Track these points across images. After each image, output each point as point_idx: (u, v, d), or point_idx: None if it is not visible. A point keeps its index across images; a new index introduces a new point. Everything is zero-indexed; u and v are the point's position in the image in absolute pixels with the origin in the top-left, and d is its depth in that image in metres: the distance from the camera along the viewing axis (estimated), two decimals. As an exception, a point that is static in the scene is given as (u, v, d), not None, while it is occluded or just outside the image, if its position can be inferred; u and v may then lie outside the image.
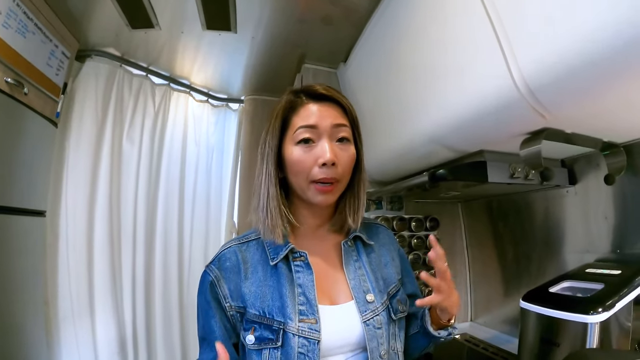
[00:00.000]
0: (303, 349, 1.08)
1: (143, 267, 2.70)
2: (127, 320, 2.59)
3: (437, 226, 2.57)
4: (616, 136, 1.51)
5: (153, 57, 2.68)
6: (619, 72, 0.93)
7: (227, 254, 1.22)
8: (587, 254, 1.80)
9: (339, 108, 1.19)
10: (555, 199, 1.96)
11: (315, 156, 1.13)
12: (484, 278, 2.59)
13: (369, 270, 1.25)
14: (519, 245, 2.27)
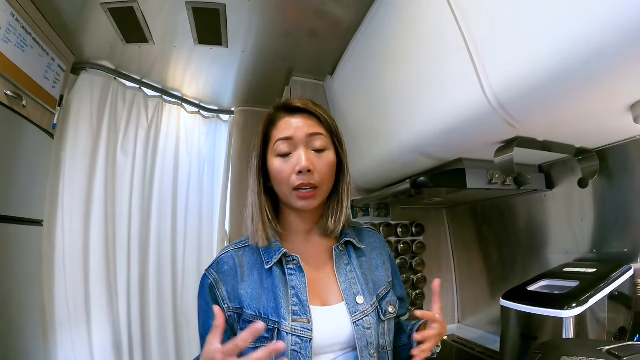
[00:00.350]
0: (296, 346, 1.16)
1: (137, 275, 2.74)
2: (122, 327, 2.62)
3: (422, 232, 2.65)
4: (588, 142, 1.60)
5: (146, 70, 2.74)
6: (580, 84, 1.00)
7: (225, 258, 1.29)
8: (566, 254, 1.89)
9: (314, 118, 1.27)
10: (535, 203, 2.05)
11: (292, 165, 1.21)
12: (470, 281, 2.66)
13: (359, 274, 1.32)
14: (502, 248, 2.35)
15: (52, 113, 2.23)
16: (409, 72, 1.57)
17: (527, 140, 1.39)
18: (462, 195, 2.10)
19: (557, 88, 1.02)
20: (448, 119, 1.35)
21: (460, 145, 1.50)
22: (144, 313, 2.78)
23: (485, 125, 1.28)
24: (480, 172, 1.64)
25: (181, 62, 2.66)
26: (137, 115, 2.80)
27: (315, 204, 1.26)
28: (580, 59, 0.93)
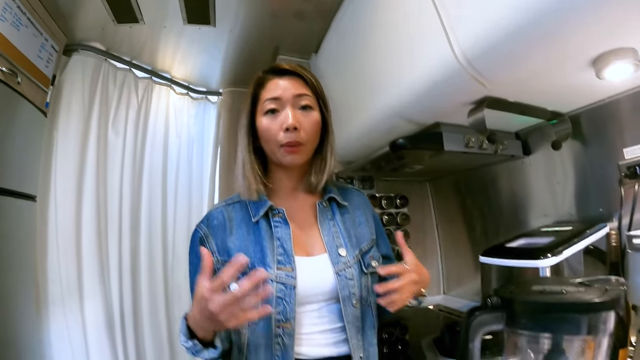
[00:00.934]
0: (281, 293, 1.23)
1: (129, 251, 2.79)
2: (114, 302, 2.67)
3: (406, 203, 2.73)
4: (560, 106, 1.68)
5: (136, 52, 2.78)
6: (542, 38, 1.06)
7: (215, 213, 1.37)
8: (545, 217, 1.98)
9: (301, 80, 1.34)
10: (515, 170, 2.13)
11: (280, 123, 1.28)
12: (454, 252, 2.74)
13: (342, 228, 1.39)
14: (486, 220, 2.43)
15: (45, 92, 2.27)
16: (386, 41, 1.63)
17: (498, 101, 1.45)
18: (442, 163, 2.17)
19: (520, 42, 1.08)
20: (423, 80, 1.42)
21: (436, 107, 1.57)
22: (136, 288, 2.83)
23: (457, 84, 1.34)
24: (457, 136, 1.70)
25: (170, 44, 2.71)
26: (127, 95, 2.84)
27: (301, 160, 1.33)
28: (540, 11, 0.98)
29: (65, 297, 2.42)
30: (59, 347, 2.37)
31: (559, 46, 1.11)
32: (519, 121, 1.72)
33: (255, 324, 1.24)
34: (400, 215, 2.73)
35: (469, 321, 0.91)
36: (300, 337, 1.27)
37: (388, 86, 1.63)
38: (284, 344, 1.22)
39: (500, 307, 0.91)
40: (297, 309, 1.25)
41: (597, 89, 1.48)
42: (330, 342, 1.30)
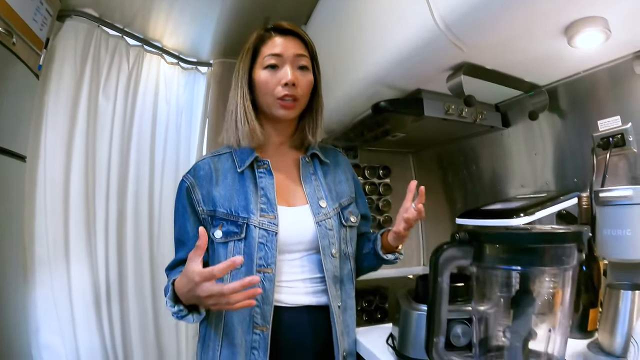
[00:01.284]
0: (263, 239, 1.32)
1: (115, 217, 2.83)
2: (100, 266, 2.72)
3: (389, 174, 2.80)
4: (537, 78, 1.73)
5: (128, 19, 2.81)
6: (514, 1, 1.11)
7: (202, 164, 1.45)
8: (522, 188, 2.05)
9: (301, 41, 1.45)
10: (494, 142, 2.20)
11: (279, 78, 1.38)
12: (435, 223, 2.80)
13: (323, 182, 1.49)
14: (466, 190, 2.50)
15: (39, 54, 2.30)
16: (370, 10, 1.68)
17: (476, 67, 1.51)
18: (424, 131, 2.23)
19: (494, 7, 1.13)
20: (404, 46, 1.47)
21: (417, 73, 1.62)
22: (121, 253, 2.88)
23: (436, 49, 1.39)
24: (437, 103, 1.76)
25: (162, 13, 2.74)
26: (118, 62, 2.87)
27: (293, 115, 1.44)
28: None
29: (52, 260, 2.46)
30: (44, 311, 2.41)
31: (531, 12, 1.15)
32: (498, 92, 1.78)
33: (237, 270, 1.32)
34: (382, 185, 2.79)
35: (437, 256, 0.97)
36: (280, 284, 1.36)
37: (372, 53, 1.68)
38: (264, 289, 1.30)
39: (467, 241, 0.97)
40: (278, 256, 1.33)
41: (571, 61, 1.54)
42: (309, 290, 1.39)
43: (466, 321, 1.15)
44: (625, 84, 1.53)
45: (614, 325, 1.08)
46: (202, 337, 1.44)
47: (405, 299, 1.34)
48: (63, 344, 2.46)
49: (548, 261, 0.91)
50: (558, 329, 0.98)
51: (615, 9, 1.15)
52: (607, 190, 1.16)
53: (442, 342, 0.99)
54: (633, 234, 1.11)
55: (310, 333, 1.39)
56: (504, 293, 0.98)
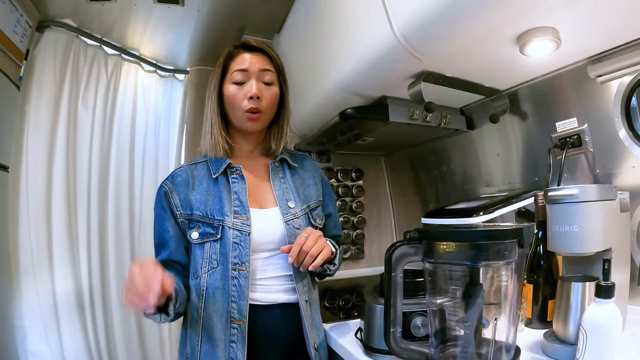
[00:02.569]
0: (237, 239, 1.41)
1: (97, 224, 2.86)
2: (83, 273, 2.75)
3: (361, 176, 2.88)
4: (496, 83, 1.82)
5: (107, 29, 2.85)
6: (467, 14, 1.18)
7: (179, 172, 1.55)
8: (487, 187, 2.16)
9: (266, 57, 1.55)
10: (461, 144, 2.30)
11: (245, 92, 1.48)
12: (408, 223, 2.92)
13: (291, 185, 1.59)
14: (437, 190, 2.61)
15: (19, 66, 2.35)
16: (337, 21, 1.76)
17: (436, 75, 1.59)
18: (393, 134, 2.31)
19: (448, 19, 1.20)
20: (367, 56, 1.55)
21: (380, 81, 1.70)
22: (104, 260, 2.91)
23: (396, 59, 1.47)
24: (402, 108, 1.85)
25: (140, 22, 2.78)
26: (97, 72, 2.90)
27: (259, 126, 1.54)
28: None
29: (36, 268, 2.50)
30: (30, 319, 2.45)
31: (484, 23, 1.23)
32: (462, 97, 1.86)
33: (214, 269, 1.41)
34: (355, 188, 2.87)
35: (391, 253, 1.05)
36: (254, 283, 1.45)
37: (338, 62, 1.76)
38: (239, 285, 1.39)
39: (417, 239, 1.05)
40: (252, 255, 1.43)
41: (528, 67, 1.62)
42: (281, 289, 1.49)
43: (425, 313, 1.23)
44: (581, 87, 1.62)
45: (566, 314, 1.17)
46: (183, 335, 1.52)
47: (370, 295, 1.42)
48: (50, 351, 2.50)
49: (491, 256, 0.98)
50: (506, 317, 1.05)
51: (563, 19, 1.24)
52: (556, 189, 1.24)
53: (399, 332, 1.07)
54: (580, 229, 1.18)
55: (284, 328, 1.48)
56: (455, 286, 1.06)
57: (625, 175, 1.53)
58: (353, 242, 2.85)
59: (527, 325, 1.44)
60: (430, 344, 1.10)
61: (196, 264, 1.44)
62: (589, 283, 1.15)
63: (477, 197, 2.01)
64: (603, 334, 0.95)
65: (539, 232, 1.47)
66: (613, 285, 0.95)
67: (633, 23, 1.29)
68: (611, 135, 1.56)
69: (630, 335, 1.15)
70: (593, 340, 0.95)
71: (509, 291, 1.06)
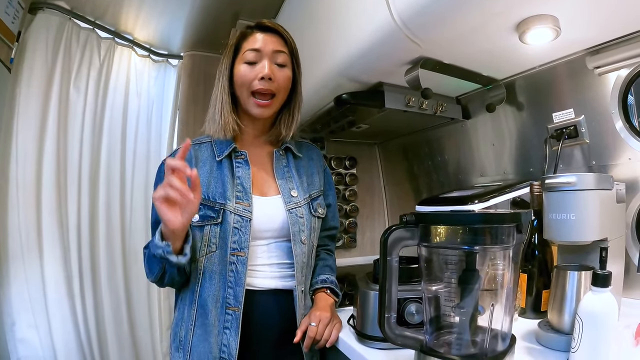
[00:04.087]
0: (237, 224, 1.40)
1: (87, 210, 2.85)
2: (73, 260, 2.74)
3: (355, 164, 2.87)
4: (494, 72, 1.81)
5: (100, 12, 2.82)
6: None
7: None
8: (482, 177, 2.16)
9: (281, 38, 1.52)
10: (456, 134, 2.30)
11: (256, 72, 1.45)
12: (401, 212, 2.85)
13: (295, 174, 1.58)
14: (431, 179, 2.61)
15: (11, 47, 2.32)
16: (334, 5, 1.75)
17: (433, 62, 1.58)
18: (388, 122, 2.31)
19: (448, 2, 1.19)
20: (364, 40, 1.53)
21: (377, 66, 1.68)
22: (94, 246, 2.90)
23: (394, 44, 1.46)
24: (398, 95, 1.84)
25: (134, 5, 2.76)
26: (89, 55, 2.88)
27: (269, 113, 1.51)
28: None
29: (26, 255, 2.48)
30: (19, 305, 2.44)
31: (484, 10, 1.22)
32: (459, 86, 1.85)
33: (212, 252, 1.41)
34: (348, 176, 2.86)
35: (386, 236, 1.03)
36: (252, 268, 1.45)
37: (334, 47, 1.75)
38: (237, 271, 1.39)
39: (414, 223, 1.03)
40: (251, 242, 1.42)
41: (527, 56, 1.61)
42: (277, 275, 1.49)
43: (420, 300, 1.22)
44: (579, 78, 1.62)
45: (562, 304, 1.16)
46: (176, 318, 1.51)
47: (363, 281, 1.41)
48: (39, 338, 2.49)
49: (488, 240, 0.97)
50: (502, 305, 1.04)
51: (564, 7, 1.22)
52: (553, 177, 1.23)
53: (393, 318, 1.05)
54: (577, 218, 1.17)
55: (276, 314, 1.48)
56: (451, 272, 1.05)
57: (621, 168, 1.54)
58: (345, 231, 2.84)
59: (521, 315, 1.45)
60: (424, 330, 1.09)
61: (194, 247, 1.41)
62: (584, 272, 1.15)
63: (472, 186, 2.00)
64: (600, 323, 0.94)
65: (534, 221, 1.47)
66: (610, 274, 0.94)
67: (633, 16, 1.29)
68: (608, 127, 1.56)
69: (624, 327, 1.14)
70: (589, 330, 0.94)
71: (505, 279, 1.04)
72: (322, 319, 1.41)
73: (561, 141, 1.66)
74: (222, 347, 1.38)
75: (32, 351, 2.45)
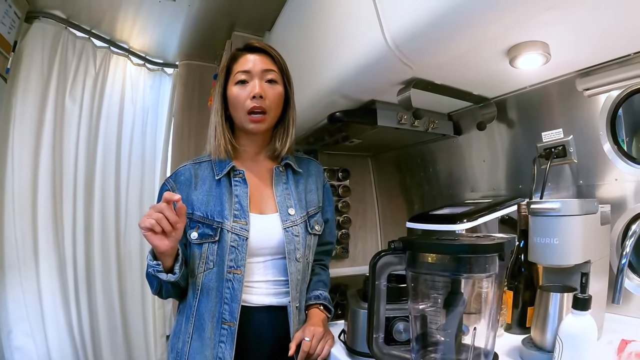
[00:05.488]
0: (234, 243, 1.44)
1: (83, 218, 2.89)
2: (68, 268, 2.78)
3: (348, 176, 2.87)
4: (485, 91, 1.84)
5: (96, 21, 2.86)
6: (459, 26, 1.19)
7: (183, 170, 1.57)
8: (472, 193, 2.18)
9: (269, 57, 1.56)
10: (448, 149, 2.32)
11: (248, 92, 1.49)
12: (394, 225, 2.94)
13: (294, 192, 1.61)
14: (423, 193, 2.63)
15: (7, 57, 2.35)
16: (328, 23, 1.77)
17: (425, 82, 1.61)
18: (381, 138, 2.33)
19: (441, 30, 1.20)
20: (357, 60, 1.55)
21: (370, 85, 1.71)
22: (89, 254, 2.93)
23: (386, 66, 1.48)
24: (390, 113, 1.87)
25: (130, 15, 2.79)
26: (85, 64, 2.91)
27: (264, 127, 1.54)
28: (457, 2, 1.11)
29: (22, 262, 2.51)
30: (15, 313, 2.46)
31: (476, 36, 1.24)
32: (450, 103, 1.88)
33: (210, 269, 1.45)
34: (341, 188, 2.87)
35: (375, 262, 1.07)
36: (248, 285, 1.49)
37: (329, 64, 1.77)
38: (233, 289, 1.43)
39: (401, 249, 1.07)
40: (248, 259, 1.46)
41: (517, 77, 1.64)
42: (271, 292, 1.52)
43: (408, 318, 1.25)
44: (569, 99, 1.65)
45: (544, 323, 1.20)
46: (175, 330, 1.55)
47: (354, 299, 1.44)
48: (35, 345, 2.51)
49: (473, 269, 1.00)
50: (486, 324, 1.08)
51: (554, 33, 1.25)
52: (538, 202, 1.26)
53: (381, 338, 1.10)
54: (560, 242, 1.20)
55: (270, 329, 1.51)
56: (437, 294, 1.08)
57: (607, 187, 1.57)
58: (338, 242, 2.85)
59: (506, 330, 1.47)
60: (411, 348, 1.12)
61: (193, 263, 1.47)
62: (567, 294, 1.18)
63: (462, 202, 2.04)
64: (578, 344, 0.98)
65: (521, 241, 1.50)
66: (590, 298, 0.98)
67: (621, 41, 1.32)
68: (595, 148, 1.59)
69: (606, 343, 1.17)
70: (568, 350, 0.98)
71: (489, 299, 1.08)
72: (315, 334, 1.44)
73: (550, 160, 1.69)
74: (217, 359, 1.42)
75: (28, 359, 2.48)
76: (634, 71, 1.38)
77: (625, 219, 1.51)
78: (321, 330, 1.47)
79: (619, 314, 1.48)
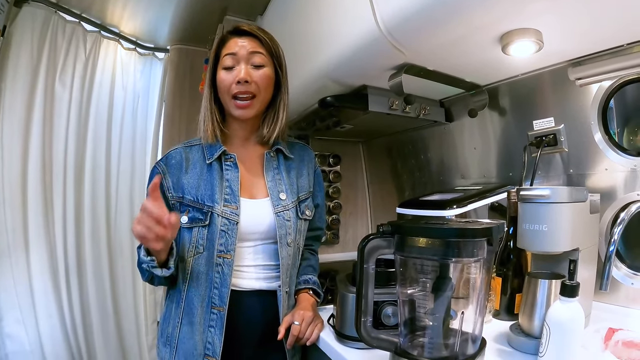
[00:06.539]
0: (224, 227, 1.43)
1: (73, 204, 2.87)
2: (59, 254, 2.77)
3: (339, 162, 2.88)
4: (477, 78, 1.84)
5: (86, 5, 2.82)
6: (451, 11, 1.18)
7: (174, 153, 1.55)
8: (463, 179, 2.20)
9: (256, 40, 1.52)
10: (439, 136, 2.33)
11: (234, 76, 1.47)
12: (385, 211, 2.94)
13: (285, 177, 1.60)
14: (413, 179, 2.64)
15: (-6, 42, 2.30)
16: (320, 7, 1.76)
17: (417, 68, 1.61)
18: (372, 123, 2.33)
19: (433, 15, 1.20)
20: (349, 45, 1.55)
21: (361, 70, 1.71)
22: (79, 239, 2.92)
23: (378, 51, 1.48)
24: (382, 98, 1.86)
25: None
26: (75, 49, 2.88)
27: (251, 114, 1.52)
28: None
29: (12, 250, 2.50)
30: (6, 301, 2.47)
31: (468, 21, 1.24)
32: (442, 89, 1.88)
33: (200, 254, 1.44)
34: (332, 173, 2.86)
35: (363, 245, 1.07)
36: (238, 270, 1.49)
37: (320, 48, 1.76)
38: (222, 273, 1.43)
39: (390, 233, 1.07)
40: (238, 244, 1.46)
41: (510, 65, 1.64)
42: (262, 276, 1.53)
43: (396, 303, 1.26)
44: (561, 88, 1.65)
45: (532, 309, 1.21)
46: (164, 315, 1.55)
47: (343, 283, 1.45)
48: (26, 333, 2.52)
49: (461, 253, 1.01)
50: (474, 310, 1.08)
51: (547, 22, 1.25)
52: (528, 189, 1.27)
53: (369, 322, 1.10)
54: (549, 229, 1.21)
55: (260, 314, 1.52)
56: (426, 278, 1.09)
57: (597, 177, 1.58)
58: (328, 227, 2.85)
59: (494, 316, 1.49)
60: (399, 332, 1.12)
61: (183, 248, 1.46)
62: (555, 280, 1.19)
63: (452, 188, 2.05)
64: (566, 330, 0.99)
65: (510, 228, 1.50)
66: (577, 285, 0.98)
67: (615, 30, 1.32)
68: (586, 137, 1.60)
69: (594, 332, 1.18)
70: (556, 336, 0.99)
71: (477, 284, 1.08)
72: (305, 318, 1.45)
73: (540, 149, 1.70)
74: (206, 344, 1.42)
75: (19, 346, 2.48)
76: (627, 62, 1.39)
77: (614, 209, 1.52)
78: (310, 315, 1.48)
79: (606, 303, 1.51)
